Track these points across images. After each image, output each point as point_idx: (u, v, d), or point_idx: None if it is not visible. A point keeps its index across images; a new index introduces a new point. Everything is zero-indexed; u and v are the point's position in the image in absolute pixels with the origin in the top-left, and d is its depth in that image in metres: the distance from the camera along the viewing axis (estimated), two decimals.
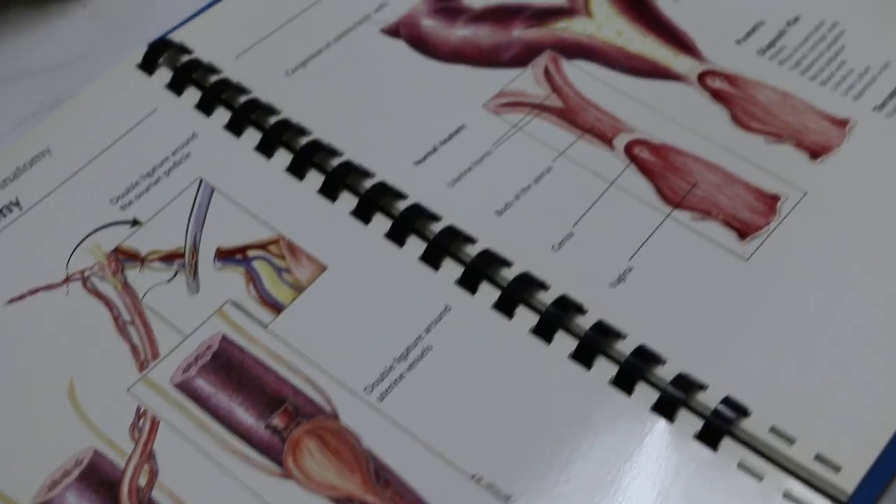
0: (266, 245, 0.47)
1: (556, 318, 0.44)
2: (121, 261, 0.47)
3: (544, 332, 0.44)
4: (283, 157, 0.49)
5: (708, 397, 0.42)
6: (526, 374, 0.43)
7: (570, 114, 0.51)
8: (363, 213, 0.47)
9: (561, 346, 0.43)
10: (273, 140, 0.50)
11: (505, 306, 0.44)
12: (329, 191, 0.48)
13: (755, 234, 0.46)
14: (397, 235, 0.47)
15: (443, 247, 0.46)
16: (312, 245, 0.47)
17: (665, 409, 0.42)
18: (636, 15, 0.55)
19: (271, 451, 0.41)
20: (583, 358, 0.43)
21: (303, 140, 0.50)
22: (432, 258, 0.46)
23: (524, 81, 0.52)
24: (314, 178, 0.49)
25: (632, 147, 0.49)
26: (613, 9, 0.55)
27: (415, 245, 0.46)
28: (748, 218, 0.47)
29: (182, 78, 0.52)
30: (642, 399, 0.42)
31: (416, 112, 0.51)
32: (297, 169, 0.49)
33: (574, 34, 0.54)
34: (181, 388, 0.43)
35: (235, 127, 0.51)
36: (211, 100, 0.51)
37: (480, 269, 0.45)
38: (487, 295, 0.45)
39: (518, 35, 0.54)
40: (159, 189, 0.49)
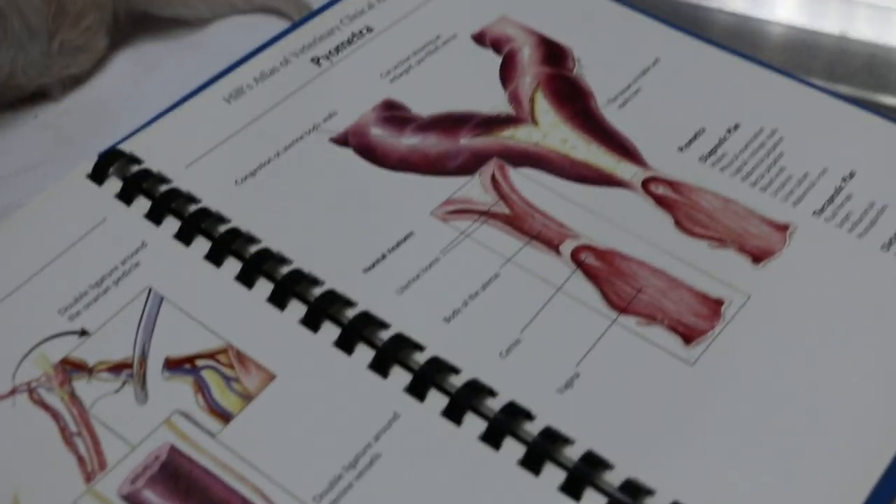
0: (215, 354, 0.47)
1: (505, 425, 0.44)
2: (68, 371, 0.46)
3: (493, 439, 0.44)
4: (233, 266, 0.50)
5: (656, 503, 0.42)
6: (475, 482, 0.43)
7: (517, 220, 0.52)
8: (312, 322, 0.48)
9: (509, 453, 0.43)
10: (222, 249, 0.50)
11: (453, 413, 0.45)
12: (278, 299, 0.48)
13: (700, 339, 0.47)
14: (346, 343, 0.47)
15: (391, 354, 0.46)
16: (261, 354, 0.47)
17: None
18: (580, 123, 0.56)
19: None
20: (531, 464, 0.43)
21: (252, 248, 0.50)
22: (381, 366, 0.46)
23: (471, 189, 0.53)
24: (263, 287, 0.49)
25: (578, 253, 0.50)
26: (558, 117, 0.56)
27: (363, 353, 0.47)
28: (693, 322, 0.48)
29: (132, 188, 0.52)
30: None
31: (365, 220, 0.52)
32: (246, 277, 0.49)
33: (520, 142, 0.55)
34: (129, 500, 0.43)
35: (185, 236, 0.51)
36: (161, 209, 0.52)
37: (429, 377, 0.45)
38: (436, 402, 0.45)
39: (465, 144, 0.55)
40: (108, 299, 0.49)
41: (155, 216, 0.52)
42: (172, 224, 0.51)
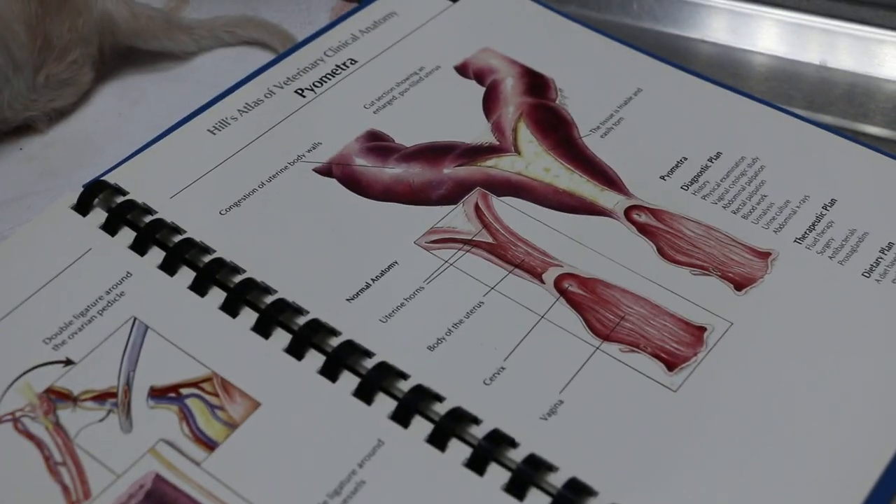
0: (199, 383, 0.47)
1: (489, 452, 0.44)
2: (53, 401, 0.46)
3: (477, 466, 0.44)
4: (217, 296, 0.50)
5: None
6: None
7: (501, 249, 0.52)
8: (296, 350, 0.48)
9: (493, 479, 0.44)
10: (206, 279, 0.50)
11: (437, 440, 0.45)
12: (262, 328, 0.48)
13: (683, 366, 0.47)
14: (330, 372, 0.47)
15: (376, 382, 0.46)
16: (246, 382, 0.47)
17: None
18: (563, 152, 0.56)
19: None
20: (516, 491, 0.43)
21: (236, 278, 0.50)
22: (365, 394, 0.46)
23: (455, 218, 0.53)
24: (248, 316, 0.49)
25: (561, 281, 0.50)
26: (541, 147, 0.57)
27: (348, 380, 0.47)
28: (676, 349, 0.48)
29: (116, 218, 0.53)
30: None
31: (349, 249, 0.52)
32: (231, 307, 0.49)
33: (503, 172, 0.55)
34: None
35: (169, 266, 0.51)
36: (145, 240, 0.52)
37: (413, 404, 0.46)
38: (420, 429, 0.45)
39: (449, 173, 0.55)
40: (93, 328, 0.49)
41: (139, 247, 0.52)
42: (157, 254, 0.51)
